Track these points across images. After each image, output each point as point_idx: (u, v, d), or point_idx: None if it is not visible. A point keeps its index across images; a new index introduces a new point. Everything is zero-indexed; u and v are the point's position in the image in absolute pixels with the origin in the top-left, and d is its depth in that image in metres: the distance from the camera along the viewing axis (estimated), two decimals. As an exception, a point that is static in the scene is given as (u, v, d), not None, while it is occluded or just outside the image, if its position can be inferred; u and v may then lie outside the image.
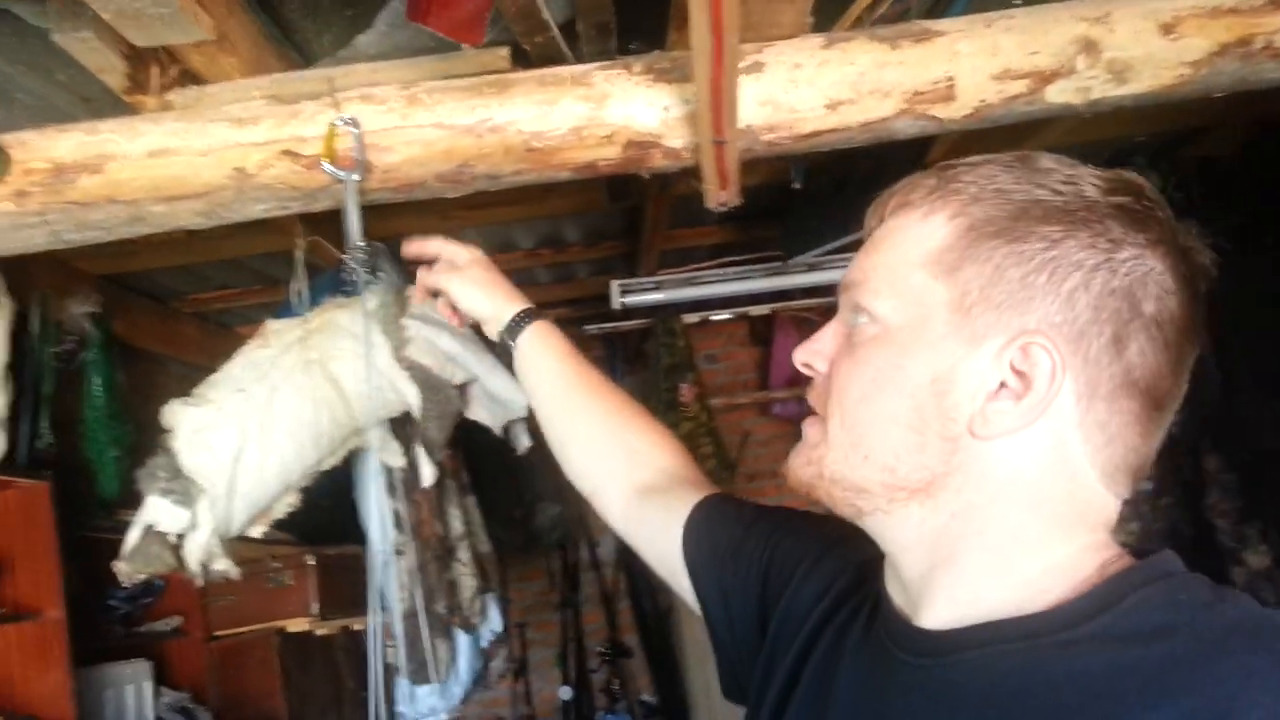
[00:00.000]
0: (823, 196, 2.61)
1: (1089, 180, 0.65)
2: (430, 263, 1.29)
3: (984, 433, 0.64)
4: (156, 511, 1.92)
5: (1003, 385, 0.64)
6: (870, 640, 0.76)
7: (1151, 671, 0.56)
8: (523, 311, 1.23)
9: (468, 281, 1.26)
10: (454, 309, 1.26)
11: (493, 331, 1.25)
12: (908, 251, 0.68)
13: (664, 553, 1.04)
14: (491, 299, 1.25)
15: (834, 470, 0.70)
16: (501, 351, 1.27)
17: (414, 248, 1.29)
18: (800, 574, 0.88)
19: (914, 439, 0.66)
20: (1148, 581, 0.62)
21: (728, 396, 4.61)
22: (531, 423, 1.99)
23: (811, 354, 0.74)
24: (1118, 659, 0.58)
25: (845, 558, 0.85)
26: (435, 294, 1.28)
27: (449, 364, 2.05)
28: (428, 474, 2.46)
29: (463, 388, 2.11)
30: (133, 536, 1.91)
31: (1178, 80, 1.41)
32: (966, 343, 0.64)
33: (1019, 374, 0.63)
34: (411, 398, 2.05)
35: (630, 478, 1.12)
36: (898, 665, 0.70)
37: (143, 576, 1.99)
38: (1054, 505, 0.65)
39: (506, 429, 2.22)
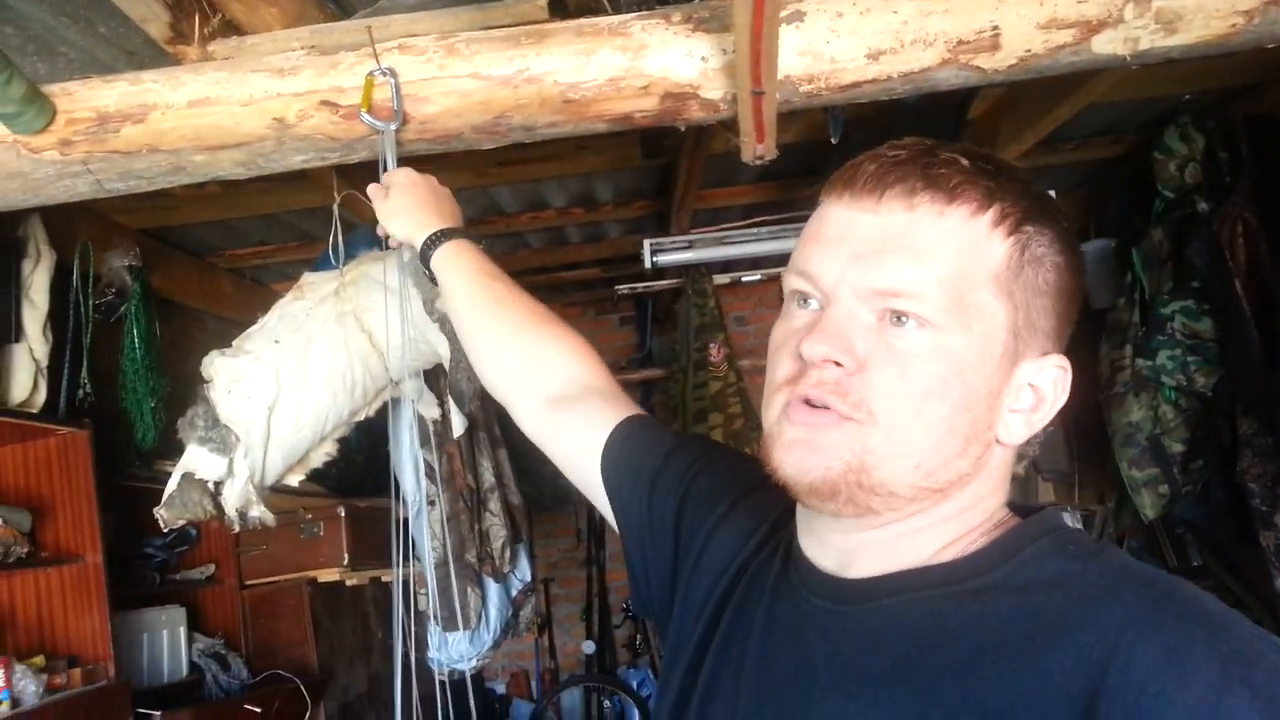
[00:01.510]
0: (861, 152, 2.56)
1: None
2: None
3: (1008, 439, 0.71)
4: (195, 459, 1.96)
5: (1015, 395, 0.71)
6: (785, 587, 0.79)
7: (1052, 616, 0.63)
8: (435, 233, 1.24)
9: (393, 209, 1.29)
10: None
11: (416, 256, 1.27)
12: (972, 269, 0.68)
13: (580, 467, 1.05)
14: (410, 223, 1.27)
15: (881, 477, 0.68)
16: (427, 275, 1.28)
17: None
18: (717, 517, 0.90)
19: (962, 446, 0.70)
20: (1041, 535, 0.70)
21: (756, 359, 4.61)
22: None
23: (842, 351, 0.68)
24: (1023, 606, 0.65)
25: (761, 506, 0.87)
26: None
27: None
28: (458, 424, 2.49)
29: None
30: (173, 483, 1.96)
31: (1230, 30, 1.37)
32: (1012, 361, 0.70)
33: (1032, 387, 0.71)
34: (443, 349, 2.07)
35: (540, 385, 1.12)
36: (812, 610, 0.74)
37: (182, 522, 2.04)
38: (1008, 480, 0.75)
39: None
